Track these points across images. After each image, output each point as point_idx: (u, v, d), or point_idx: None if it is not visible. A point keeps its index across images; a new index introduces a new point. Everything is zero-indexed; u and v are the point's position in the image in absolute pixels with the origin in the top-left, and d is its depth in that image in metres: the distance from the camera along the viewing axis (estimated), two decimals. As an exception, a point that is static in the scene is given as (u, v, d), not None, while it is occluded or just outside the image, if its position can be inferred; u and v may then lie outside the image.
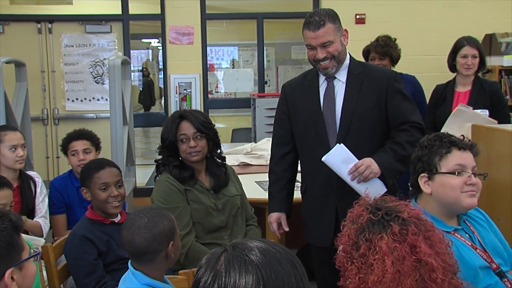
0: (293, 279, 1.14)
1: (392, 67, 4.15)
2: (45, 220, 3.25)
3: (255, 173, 4.15)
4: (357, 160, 2.53)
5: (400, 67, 4.15)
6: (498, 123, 3.42)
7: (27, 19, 6.38)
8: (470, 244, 2.03)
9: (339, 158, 2.52)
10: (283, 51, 7.77)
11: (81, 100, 6.43)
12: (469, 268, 1.93)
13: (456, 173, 2.02)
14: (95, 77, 6.42)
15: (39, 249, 2.46)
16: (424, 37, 6.20)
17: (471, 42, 3.84)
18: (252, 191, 3.46)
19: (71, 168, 3.55)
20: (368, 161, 2.53)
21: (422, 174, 2.08)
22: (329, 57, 2.59)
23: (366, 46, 4.30)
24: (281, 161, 2.84)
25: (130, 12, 6.38)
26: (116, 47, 6.41)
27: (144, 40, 11.08)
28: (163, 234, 1.95)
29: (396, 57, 4.20)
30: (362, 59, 3.89)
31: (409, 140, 2.58)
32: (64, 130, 4.19)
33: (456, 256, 1.94)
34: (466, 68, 3.80)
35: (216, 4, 6.96)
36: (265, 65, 6.90)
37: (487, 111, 3.56)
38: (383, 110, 2.64)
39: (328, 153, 2.53)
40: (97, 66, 6.41)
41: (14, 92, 4.79)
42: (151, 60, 11.78)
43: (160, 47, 6.67)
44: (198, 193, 2.79)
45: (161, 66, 6.94)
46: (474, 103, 3.68)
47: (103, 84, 6.38)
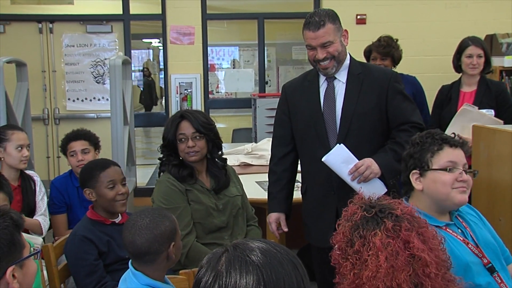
0: (294, 280, 1.15)
1: (393, 67, 4.15)
2: (44, 218, 3.27)
3: (256, 173, 4.15)
4: (357, 161, 2.53)
5: (400, 68, 4.15)
6: (504, 123, 3.41)
7: (28, 19, 6.38)
8: (462, 239, 2.04)
9: (339, 159, 2.53)
10: (284, 51, 7.77)
11: (82, 100, 6.43)
12: (459, 263, 1.94)
13: (448, 169, 2.03)
14: (96, 77, 6.42)
15: (39, 247, 2.47)
16: (425, 38, 6.20)
17: (476, 41, 3.83)
18: (252, 192, 3.45)
19: (71, 167, 3.56)
20: (368, 161, 2.53)
21: (414, 171, 2.09)
22: (329, 57, 2.59)
23: (367, 46, 4.29)
24: (281, 162, 2.83)
25: (131, 12, 6.38)
26: (117, 47, 6.41)
27: (145, 40, 11.09)
28: (165, 235, 1.95)
29: (397, 58, 4.19)
30: (362, 60, 3.88)
31: (410, 140, 2.58)
32: (64, 130, 4.19)
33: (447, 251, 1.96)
34: (471, 68, 3.79)
35: (217, 4, 6.96)
36: (265, 65, 6.91)
37: (493, 111, 3.55)
38: (383, 110, 2.64)
39: (328, 154, 2.53)
40: (98, 66, 6.41)
41: (15, 91, 4.80)
42: (152, 60, 11.80)
43: (161, 47, 6.68)
44: (198, 194, 2.78)
45: (161, 66, 6.95)
46: (479, 103, 3.67)
47: (104, 84, 6.39)
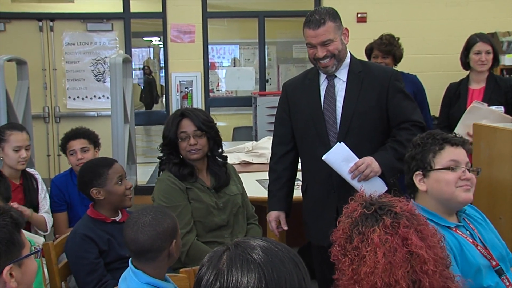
0: (295, 278, 1.15)
1: (394, 66, 4.15)
2: (48, 216, 3.29)
3: (256, 171, 4.15)
4: (357, 159, 2.52)
5: (401, 66, 4.14)
6: None
7: (29, 17, 6.37)
8: (471, 241, 2.04)
9: (340, 157, 2.52)
10: (284, 50, 7.76)
11: (82, 98, 6.42)
12: (471, 265, 1.94)
13: (451, 168, 2.03)
14: (96, 75, 6.42)
15: (40, 247, 2.47)
16: (425, 36, 6.19)
17: (484, 38, 3.81)
18: (253, 190, 3.45)
19: (71, 166, 3.56)
20: (369, 159, 2.53)
21: (417, 172, 2.09)
22: (329, 55, 2.59)
23: (369, 44, 4.29)
24: (281, 160, 2.83)
25: (132, 10, 6.38)
26: (118, 45, 6.40)
27: (145, 38, 11.09)
28: (167, 232, 1.95)
29: (399, 56, 4.18)
30: (363, 58, 3.86)
31: (410, 138, 2.56)
32: (65, 128, 4.19)
33: (458, 252, 1.95)
34: (480, 65, 3.76)
35: (218, 3, 6.96)
36: (266, 63, 6.90)
37: (503, 107, 3.53)
38: (383, 109, 2.64)
39: (328, 152, 2.53)
40: (98, 64, 6.41)
41: (16, 90, 4.80)
42: (152, 58, 11.79)
43: (162, 45, 6.67)
44: (199, 192, 2.79)
45: (162, 65, 6.94)
46: (488, 100, 3.64)
47: (105, 82, 6.38)
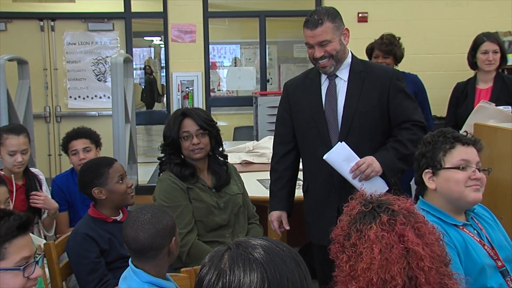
0: (297, 277, 1.14)
1: (395, 65, 4.15)
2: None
3: (257, 171, 4.15)
4: (358, 159, 2.53)
5: (402, 66, 4.14)
6: None
7: (30, 16, 6.37)
8: (478, 240, 2.03)
9: (341, 157, 2.53)
10: (285, 49, 7.75)
11: (83, 98, 6.42)
12: (475, 264, 1.94)
13: (461, 168, 2.02)
14: (97, 75, 6.42)
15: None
16: (426, 36, 6.19)
17: (491, 37, 3.80)
18: (254, 190, 3.46)
19: (73, 166, 3.56)
20: (370, 159, 2.53)
21: (427, 170, 2.08)
22: (326, 56, 2.59)
23: (370, 43, 4.29)
24: (282, 160, 2.84)
25: (133, 10, 6.38)
26: (119, 45, 6.40)
27: (146, 38, 11.06)
28: (166, 229, 1.96)
29: (399, 56, 4.18)
30: (364, 57, 3.87)
31: (411, 138, 2.58)
32: (66, 128, 4.19)
33: (463, 250, 1.95)
34: (487, 64, 3.76)
35: (219, 2, 6.96)
36: (267, 63, 6.90)
37: (510, 107, 3.51)
38: (385, 108, 2.64)
39: (329, 151, 2.53)
40: (99, 64, 6.41)
41: (17, 89, 4.80)
42: (153, 58, 11.76)
43: (163, 45, 6.66)
44: (200, 192, 2.79)
45: (163, 64, 6.93)
46: (496, 100, 3.63)
47: (105, 82, 6.38)
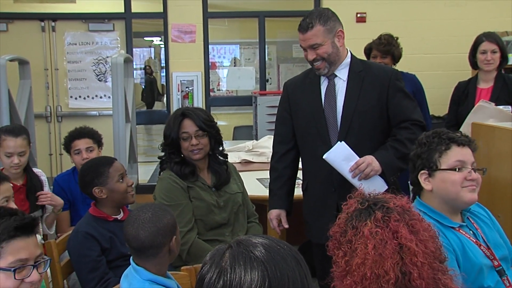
0: (298, 276, 1.15)
1: (394, 65, 4.16)
2: (53, 215, 3.29)
3: (257, 170, 4.16)
4: (358, 158, 2.54)
5: (400, 66, 4.15)
6: None
7: (31, 17, 6.39)
8: (474, 241, 2.04)
9: (340, 156, 2.54)
10: (284, 49, 7.76)
11: (84, 98, 6.44)
12: (473, 265, 1.95)
13: (457, 169, 2.03)
14: (98, 75, 6.44)
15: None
16: (424, 36, 6.20)
17: (490, 37, 3.80)
18: (253, 189, 3.47)
19: (74, 165, 3.57)
20: (369, 158, 2.54)
21: (422, 171, 2.08)
22: (319, 58, 2.61)
23: (368, 44, 4.30)
24: (282, 159, 2.85)
25: (133, 11, 6.39)
26: (119, 45, 6.41)
27: (146, 38, 11.06)
28: (167, 227, 1.97)
29: (397, 56, 4.20)
30: (363, 57, 3.89)
31: (410, 137, 2.59)
32: (67, 128, 4.21)
33: (461, 253, 1.96)
34: (486, 64, 3.76)
35: (218, 3, 6.97)
36: (266, 63, 6.91)
37: (510, 107, 3.52)
38: (384, 108, 2.66)
39: (329, 151, 2.54)
40: (100, 64, 6.43)
41: (18, 89, 4.81)
42: (153, 58, 11.77)
43: (163, 45, 6.68)
44: (200, 191, 2.80)
45: (163, 64, 6.95)
46: (496, 99, 3.63)
47: (106, 82, 6.40)
